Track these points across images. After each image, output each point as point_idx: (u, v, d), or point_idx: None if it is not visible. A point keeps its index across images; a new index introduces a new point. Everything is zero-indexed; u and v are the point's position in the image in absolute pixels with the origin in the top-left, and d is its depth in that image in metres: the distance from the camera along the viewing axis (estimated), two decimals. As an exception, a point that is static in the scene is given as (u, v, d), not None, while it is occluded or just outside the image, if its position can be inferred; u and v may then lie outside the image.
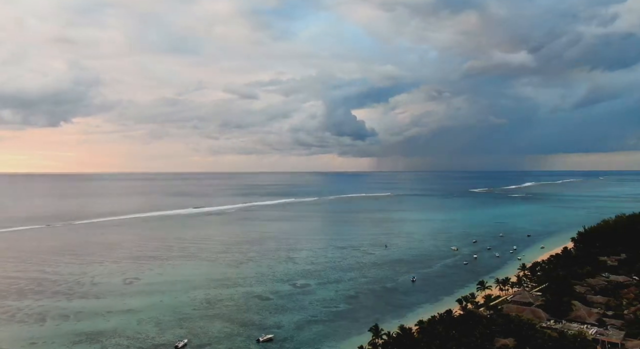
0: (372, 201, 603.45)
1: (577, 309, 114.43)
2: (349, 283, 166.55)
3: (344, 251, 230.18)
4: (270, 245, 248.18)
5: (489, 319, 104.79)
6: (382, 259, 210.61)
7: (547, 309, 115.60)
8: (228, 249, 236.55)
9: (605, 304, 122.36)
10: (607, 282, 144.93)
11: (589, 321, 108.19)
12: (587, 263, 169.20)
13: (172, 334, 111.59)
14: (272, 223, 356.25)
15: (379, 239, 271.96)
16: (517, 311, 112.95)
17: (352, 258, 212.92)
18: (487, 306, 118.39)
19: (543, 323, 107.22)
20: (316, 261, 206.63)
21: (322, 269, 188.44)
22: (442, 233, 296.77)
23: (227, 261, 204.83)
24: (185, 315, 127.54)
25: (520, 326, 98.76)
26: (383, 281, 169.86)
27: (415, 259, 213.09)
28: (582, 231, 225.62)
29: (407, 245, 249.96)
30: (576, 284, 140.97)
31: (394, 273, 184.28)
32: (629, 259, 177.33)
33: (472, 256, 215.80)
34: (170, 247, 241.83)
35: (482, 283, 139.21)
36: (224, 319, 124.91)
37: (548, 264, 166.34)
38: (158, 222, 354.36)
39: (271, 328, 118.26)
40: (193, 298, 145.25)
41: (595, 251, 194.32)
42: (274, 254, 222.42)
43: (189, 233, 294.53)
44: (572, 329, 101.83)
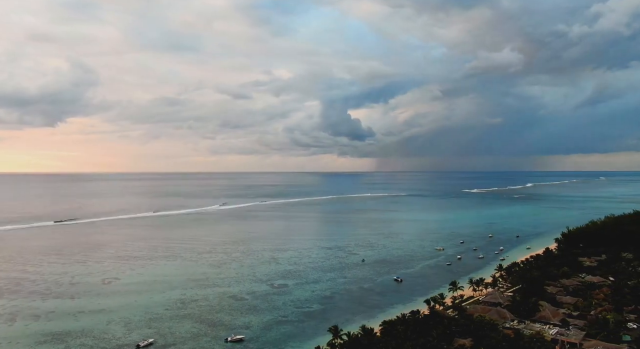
0: (367, 202, 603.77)
1: (543, 309, 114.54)
2: (326, 284, 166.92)
3: (328, 252, 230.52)
4: (257, 245, 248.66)
5: (451, 320, 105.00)
6: (366, 260, 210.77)
7: (514, 309, 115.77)
8: (213, 249, 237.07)
9: (574, 305, 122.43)
10: (581, 283, 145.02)
11: (552, 322, 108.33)
12: (566, 263, 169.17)
13: (139, 334, 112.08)
14: (263, 223, 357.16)
15: (367, 239, 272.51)
16: (483, 312, 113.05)
17: (335, 259, 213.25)
18: (453, 306, 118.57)
19: (506, 324, 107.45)
20: (299, 261, 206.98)
21: (303, 270, 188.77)
22: (431, 234, 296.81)
23: (210, 261, 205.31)
24: (156, 315, 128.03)
25: (481, 326, 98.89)
26: (361, 282, 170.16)
27: (399, 259, 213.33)
28: (565, 232, 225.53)
29: (394, 245, 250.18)
30: (549, 285, 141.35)
31: (375, 273, 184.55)
32: (609, 260, 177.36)
33: (456, 257, 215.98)
34: (156, 247, 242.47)
35: (454, 283, 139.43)
36: (195, 319, 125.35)
37: (525, 265, 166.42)
38: (149, 223, 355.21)
39: (240, 328, 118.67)
40: (168, 298, 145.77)
41: (577, 252, 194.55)
42: (258, 254, 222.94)
43: (177, 233, 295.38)
44: (533, 330, 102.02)
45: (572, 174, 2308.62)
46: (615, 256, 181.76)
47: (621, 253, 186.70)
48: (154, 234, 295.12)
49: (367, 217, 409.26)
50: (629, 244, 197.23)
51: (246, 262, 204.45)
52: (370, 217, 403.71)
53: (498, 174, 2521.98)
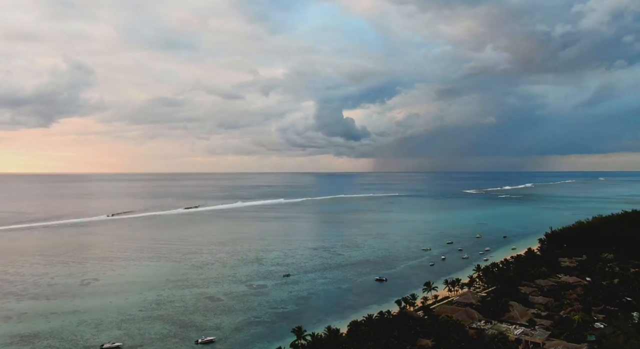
0: (362, 202, 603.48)
1: (513, 310, 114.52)
2: (306, 284, 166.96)
3: (313, 252, 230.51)
4: (243, 246, 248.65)
5: (417, 320, 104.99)
6: (349, 260, 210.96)
7: (483, 310, 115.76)
8: (199, 250, 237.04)
9: (544, 305, 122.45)
10: (556, 283, 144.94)
11: (520, 322, 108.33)
12: (545, 264, 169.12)
13: (108, 336, 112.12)
14: (252, 224, 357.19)
15: (354, 240, 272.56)
16: (452, 312, 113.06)
17: (318, 259, 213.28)
18: (423, 307, 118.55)
19: (473, 324, 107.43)
20: (282, 261, 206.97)
21: (284, 271, 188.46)
22: (420, 234, 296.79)
23: (193, 262, 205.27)
24: (129, 316, 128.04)
25: (446, 326, 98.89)
26: (341, 282, 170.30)
27: (383, 260, 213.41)
28: (549, 232, 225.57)
29: (380, 246, 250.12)
30: (524, 285, 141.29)
31: (356, 273, 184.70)
32: (588, 261, 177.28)
33: (440, 257, 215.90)
34: (142, 248, 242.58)
35: (429, 284, 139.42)
36: (167, 320, 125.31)
37: (503, 266, 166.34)
38: (139, 223, 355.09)
39: (212, 330, 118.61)
40: (144, 299, 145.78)
41: (558, 252, 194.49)
42: (243, 255, 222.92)
43: (165, 234, 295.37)
44: (498, 330, 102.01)
45: (572, 175, 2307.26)
46: (595, 256, 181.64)
47: (601, 254, 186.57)
48: (142, 234, 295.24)
49: (358, 217, 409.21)
50: (612, 245, 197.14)
51: (229, 263, 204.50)
52: (362, 218, 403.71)
53: (497, 174, 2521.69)
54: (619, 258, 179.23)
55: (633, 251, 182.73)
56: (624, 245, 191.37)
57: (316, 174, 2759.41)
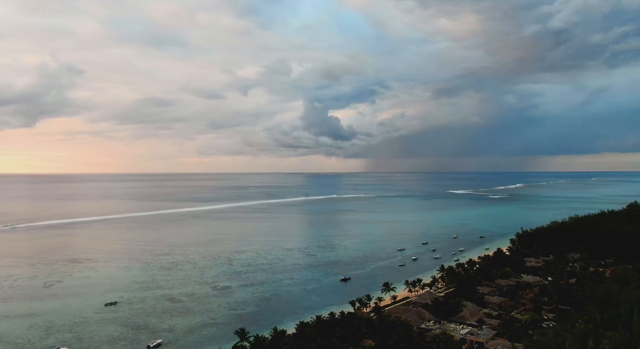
0: (349, 203, 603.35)
1: (464, 310, 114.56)
2: (271, 285, 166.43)
3: (287, 253, 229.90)
4: (218, 247, 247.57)
5: (364, 320, 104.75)
6: (321, 261, 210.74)
7: (436, 310, 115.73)
8: (172, 251, 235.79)
9: (499, 305, 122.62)
10: (516, 283, 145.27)
11: (469, 322, 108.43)
12: (511, 264, 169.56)
13: (56, 339, 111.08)
14: (233, 225, 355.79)
15: (331, 240, 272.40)
16: (403, 312, 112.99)
17: (291, 259, 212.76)
18: (375, 308, 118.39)
19: (422, 324, 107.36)
20: (254, 262, 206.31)
21: (254, 271, 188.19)
22: (398, 234, 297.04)
23: (164, 263, 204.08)
24: (83, 319, 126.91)
25: (392, 327, 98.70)
26: (307, 283, 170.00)
27: (355, 260, 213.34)
28: (520, 233, 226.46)
29: (355, 246, 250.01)
30: (484, 285, 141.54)
31: (324, 274, 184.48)
32: (554, 261, 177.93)
33: (412, 258, 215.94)
34: (115, 249, 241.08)
35: (387, 284, 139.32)
36: (121, 323, 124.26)
37: (469, 266, 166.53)
38: (119, 224, 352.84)
39: (164, 332, 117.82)
40: (103, 301, 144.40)
41: (527, 252, 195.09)
42: (216, 256, 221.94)
43: (142, 235, 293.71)
44: (446, 330, 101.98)
45: (565, 175, 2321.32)
46: (560, 256, 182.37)
47: (568, 254, 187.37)
48: (119, 236, 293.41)
49: (340, 218, 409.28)
50: (580, 245, 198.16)
51: (200, 264, 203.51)
52: (345, 219, 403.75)
53: (490, 174, 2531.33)
54: (584, 258, 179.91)
55: (598, 251, 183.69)
56: (590, 245, 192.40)
57: (307, 175, 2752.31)
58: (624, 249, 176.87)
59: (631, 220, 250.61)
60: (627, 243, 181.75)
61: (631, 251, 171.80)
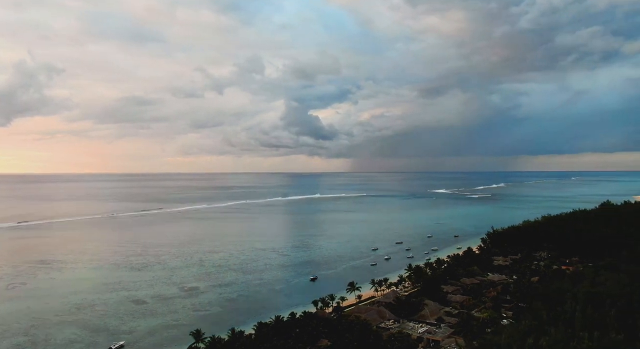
0: (331, 203, 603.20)
1: (425, 309, 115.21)
2: (239, 285, 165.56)
3: (260, 253, 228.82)
4: (191, 248, 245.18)
5: (325, 321, 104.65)
6: (293, 261, 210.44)
7: (397, 309, 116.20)
8: (144, 251, 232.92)
9: (460, 303, 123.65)
10: (481, 281, 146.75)
11: (428, 320, 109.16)
12: (478, 262, 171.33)
13: (9, 343, 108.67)
14: (210, 226, 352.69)
15: (306, 240, 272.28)
16: (364, 312, 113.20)
17: (263, 260, 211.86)
18: (336, 307, 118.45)
19: (382, 323, 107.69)
20: (225, 263, 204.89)
21: (224, 272, 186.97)
22: (374, 234, 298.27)
23: (134, 264, 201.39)
24: (41, 322, 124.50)
25: (350, 327, 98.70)
26: (275, 283, 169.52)
27: (327, 260, 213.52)
28: (490, 232, 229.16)
29: (330, 246, 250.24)
30: (449, 284, 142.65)
31: (294, 274, 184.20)
32: (521, 259, 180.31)
33: (384, 258, 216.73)
34: (86, 250, 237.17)
35: (352, 284, 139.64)
36: (80, 325, 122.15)
37: (437, 265, 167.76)
38: (94, 225, 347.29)
39: (124, 334, 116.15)
40: (66, 303, 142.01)
41: (497, 251, 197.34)
42: (188, 256, 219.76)
43: (117, 236, 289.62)
44: (404, 329, 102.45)
45: (547, 174, 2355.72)
46: (528, 255, 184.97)
47: (536, 252, 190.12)
48: (93, 236, 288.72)
49: (319, 218, 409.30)
50: (549, 243, 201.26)
51: (170, 264, 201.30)
52: (323, 219, 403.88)
53: (475, 174, 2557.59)
54: (551, 256, 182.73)
55: (566, 249, 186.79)
56: (558, 243, 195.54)
57: (290, 175, 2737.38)
58: (590, 248, 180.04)
59: (601, 219, 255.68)
60: (593, 241, 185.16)
61: (596, 249, 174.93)
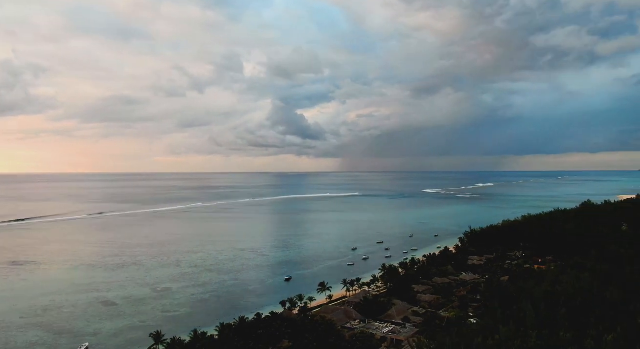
0: (317, 202, 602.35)
1: (392, 308, 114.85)
2: (213, 286, 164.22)
3: (239, 253, 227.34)
4: (170, 248, 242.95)
5: (290, 321, 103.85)
6: (271, 261, 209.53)
7: (364, 309, 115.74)
8: (122, 252, 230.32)
9: (429, 303, 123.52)
10: (454, 281, 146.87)
11: (394, 320, 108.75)
12: (454, 262, 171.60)
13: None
14: (192, 226, 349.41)
15: (287, 240, 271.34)
16: (331, 312, 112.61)
17: (241, 260, 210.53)
18: (302, 308, 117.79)
19: (348, 324, 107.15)
20: (202, 263, 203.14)
21: (199, 272, 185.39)
22: (355, 234, 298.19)
23: (109, 265, 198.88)
24: (5, 324, 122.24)
25: (314, 327, 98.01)
26: (250, 283, 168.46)
27: (305, 259, 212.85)
28: (468, 231, 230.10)
29: (310, 246, 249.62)
30: (421, 283, 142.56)
31: (270, 274, 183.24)
32: (496, 258, 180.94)
33: (362, 257, 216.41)
34: (62, 251, 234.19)
35: (323, 284, 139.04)
36: (45, 328, 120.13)
37: (411, 264, 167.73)
38: (74, 225, 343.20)
39: (88, 336, 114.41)
40: (33, 305, 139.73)
41: (473, 251, 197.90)
42: (165, 257, 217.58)
43: (95, 236, 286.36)
44: (369, 329, 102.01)
45: (537, 174, 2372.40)
46: (503, 254, 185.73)
47: (512, 251, 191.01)
48: (72, 237, 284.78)
49: (303, 218, 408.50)
50: (525, 242, 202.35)
51: (146, 265, 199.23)
52: (307, 218, 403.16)
53: (465, 174, 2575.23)
54: (526, 256, 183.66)
55: (542, 248, 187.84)
56: (535, 243, 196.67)
57: (280, 174, 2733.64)
58: (564, 247, 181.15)
59: (579, 218, 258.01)
60: (567, 240, 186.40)
61: (570, 248, 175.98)
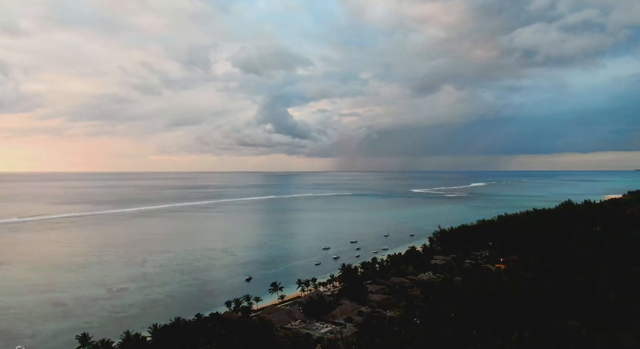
0: (303, 202, 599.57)
1: (338, 308, 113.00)
2: (171, 286, 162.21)
3: (209, 253, 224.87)
4: (140, 247, 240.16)
5: (227, 321, 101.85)
6: (238, 261, 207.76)
7: (309, 309, 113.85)
8: (90, 252, 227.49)
9: (378, 303, 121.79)
10: (411, 281, 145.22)
11: (337, 320, 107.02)
12: (417, 261, 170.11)
13: None
14: (170, 224, 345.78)
15: (261, 240, 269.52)
16: (275, 312, 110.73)
17: (208, 260, 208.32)
18: (244, 308, 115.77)
19: (288, 324, 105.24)
20: (168, 263, 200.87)
21: (162, 272, 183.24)
22: (332, 233, 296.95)
23: (73, 265, 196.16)
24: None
25: (249, 328, 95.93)
26: (209, 283, 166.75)
27: (274, 259, 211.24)
28: (437, 231, 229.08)
29: (283, 245, 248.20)
30: (377, 283, 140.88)
31: (232, 274, 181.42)
32: (458, 258, 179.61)
33: (332, 257, 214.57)
34: (30, 252, 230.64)
35: (275, 284, 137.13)
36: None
37: (371, 264, 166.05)
38: (50, 225, 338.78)
39: (26, 338, 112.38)
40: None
41: (438, 250, 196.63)
42: (133, 256, 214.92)
43: (67, 236, 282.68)
44: (310, 329, 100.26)
45: (528, 174, 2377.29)
46: (467, 253, 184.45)
47: (477, 251, 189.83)
48: (44, 237, 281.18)
49: (285, 217, 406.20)
50: (495, 242, 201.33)
51: (111, 265, 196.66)
52: (287, 218, 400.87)
53: (461, 173, 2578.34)
54: (490, 255, 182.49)
55: (507, 248, 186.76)
56: (501, 242, 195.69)
57: (272, 174, 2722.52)
58: (528, 246, 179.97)
59: (552, 218, 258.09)
60: (530, 240, 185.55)
61: (533, 247, 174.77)
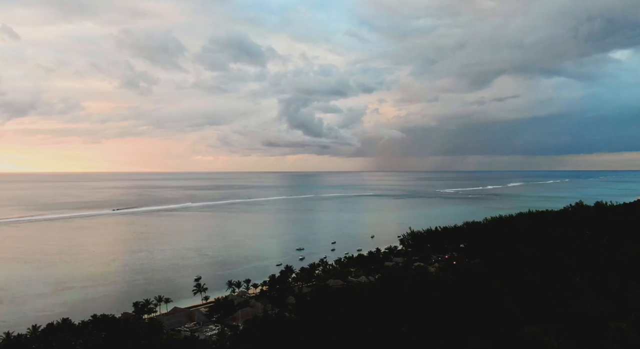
0: (316, 202, 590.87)
1: (240, 311, 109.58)
2: (116, 286, 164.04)
3: (180, 253, 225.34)
4: (123, 247, 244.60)
5: (115, 323, 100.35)
6: (203, 261, 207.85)
7: (214, 311, 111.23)
8: (69, 250, 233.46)
9: (292, 305, 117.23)
10: (346, 283, 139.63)
11: (236, 323, 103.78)
12: (373, 264, 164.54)
13: None
14: (164, 224, 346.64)
15: (242, 240, 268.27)
16: (173, 314, 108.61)
17: (174, 259, 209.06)
18: (139, 310, 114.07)
19: (181, 327, 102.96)
20: (134, 262, 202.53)
21: (119, 271, 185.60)
22: (318, 233, 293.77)
23: (42, 264, 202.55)
24: None
25: (138, 330, 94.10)
26: (156, 283, 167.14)
27: (240, 260, 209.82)
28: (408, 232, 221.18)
29: (259, 246, 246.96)
30: (307, 286, 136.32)
31: (187, 274, 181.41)
32: (407, 261, 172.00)
33: (298, 258, 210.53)
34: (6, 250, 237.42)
35: (199, 285, 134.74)
36: None
37: (322, 265, 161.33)
38: (48, 225, 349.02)
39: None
40: None
41: (400, 252, 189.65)
42: (105, 255, 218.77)
43: (59, 235, 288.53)
44: (197, 332, 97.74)
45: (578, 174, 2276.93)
46: (427, 255, 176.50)
47: (442, 253, 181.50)
48: (33, 234, 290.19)
49: (285, 217, 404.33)
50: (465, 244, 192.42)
51: (77, 264, 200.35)
52: (288, 218, 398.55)
53: (499, 173, 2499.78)
54: (449, 258, 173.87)
55: (472, 251, 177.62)
56: (474, 244, 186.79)
57: (301, 174, 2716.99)
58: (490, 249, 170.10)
59: (541, 221, 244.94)
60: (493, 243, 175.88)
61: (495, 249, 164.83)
